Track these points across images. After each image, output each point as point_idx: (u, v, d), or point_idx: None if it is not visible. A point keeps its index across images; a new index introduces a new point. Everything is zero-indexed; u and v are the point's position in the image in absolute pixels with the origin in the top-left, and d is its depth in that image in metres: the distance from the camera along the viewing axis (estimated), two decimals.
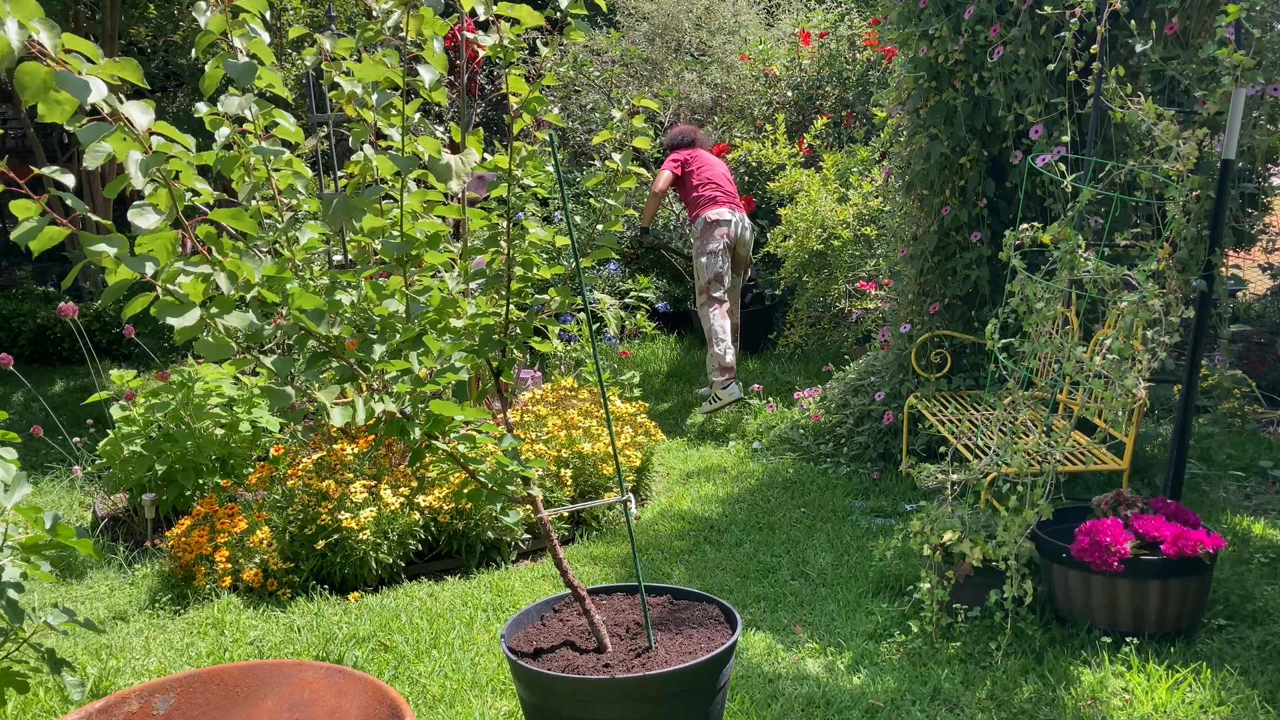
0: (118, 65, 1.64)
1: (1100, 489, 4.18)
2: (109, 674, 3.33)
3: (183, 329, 1.84)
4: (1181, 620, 3.15)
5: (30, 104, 1.57)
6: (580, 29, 2.20)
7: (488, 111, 9.35)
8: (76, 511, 4.98)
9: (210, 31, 1.94)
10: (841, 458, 5.14)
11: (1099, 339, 3.68)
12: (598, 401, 5.00)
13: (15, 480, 2.49)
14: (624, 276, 8.22)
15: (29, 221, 1.65)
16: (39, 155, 9.44)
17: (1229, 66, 3.34)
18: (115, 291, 1.81)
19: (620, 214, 2.49)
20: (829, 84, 7.99)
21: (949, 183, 4.83)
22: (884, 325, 5.80)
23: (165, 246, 1.83)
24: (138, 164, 1.67)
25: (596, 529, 4.51)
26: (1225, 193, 3.46)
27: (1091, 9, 3.75)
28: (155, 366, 6.69)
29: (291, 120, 2.13)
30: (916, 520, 3.45)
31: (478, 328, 2.39)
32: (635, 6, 9.55)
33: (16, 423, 6.27)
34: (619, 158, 2.46)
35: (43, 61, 1.56)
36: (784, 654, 3.26)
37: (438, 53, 2.08)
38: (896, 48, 5.20)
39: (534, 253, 2.45)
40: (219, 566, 3.83)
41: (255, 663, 1.75)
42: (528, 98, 2.23)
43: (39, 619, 2.57)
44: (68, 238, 1.67)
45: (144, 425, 4.51)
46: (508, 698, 3.05)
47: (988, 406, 4.47)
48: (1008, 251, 3.23)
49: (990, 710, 2.87)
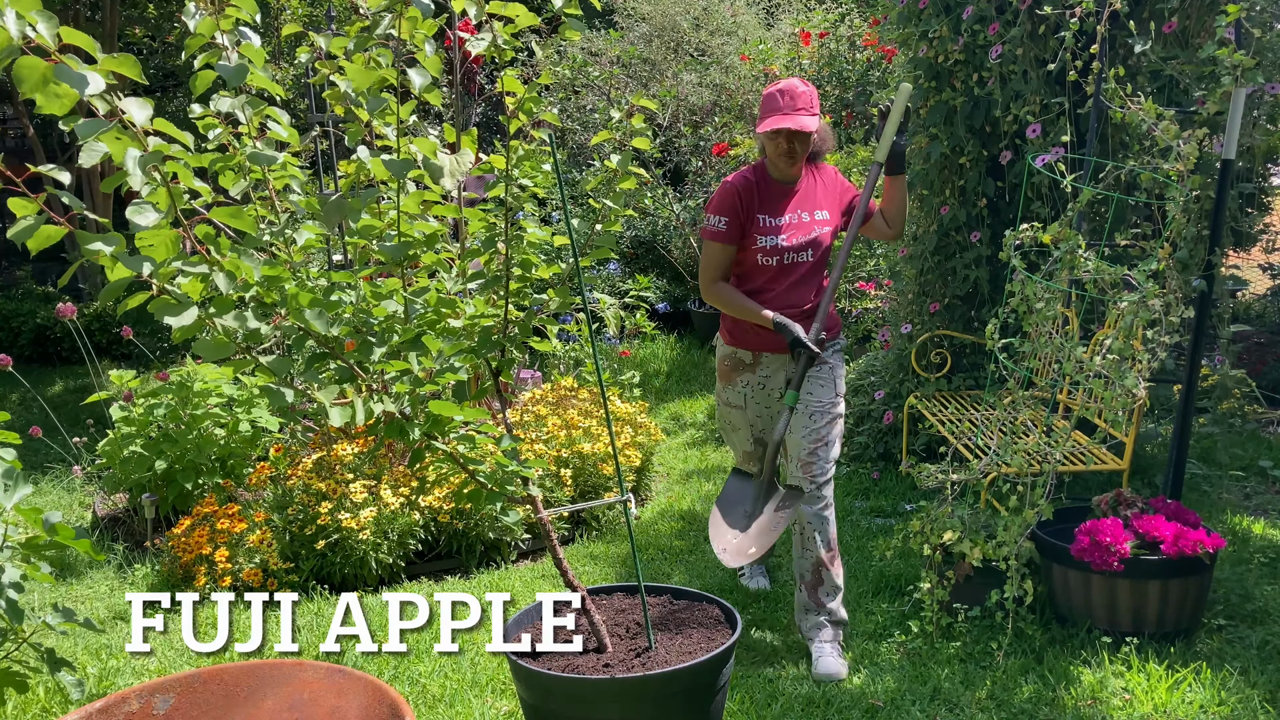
0: (116, 61, 1.63)
1: (1100, 489, 4.18)
2: (109, 674, 3.33)
3: (181, 328, 1.84)
4: (1181, 620, 3.15)
5: (28, 97, 1.57)
6: (576, 29, 2.20)
7: (487, 111, 9.35)
8: (76, 511, 4.98)
9: (200, 35, 1.94)
10: (841, 458, 5.14)
11: (1099, 339, 3.67)
12: (598, 401, 5.00)
13: (15, 480, 2.49)
14: (624, 276, 8.22)
15: (26, 220, 1.65)
16: (38, 155, 9.44)
17: (1229, 66, 3.34)
18: (114, 291, 1.81)
19: (619, 214, 2.49)
20: (829, 84, 7.99)
21: (949, 182, 4.83)
22: (884, 325, 5.80)
23: (167, 243, 1.83)
24: (135, 161, 1.67)
25: (596, 529, 4.51)
26: (1225, 193, 3.46)
27: (1091, 9, 3.74)
28: (155, 367, 6.69)
29: (286, 120, 2.13)
30: (916, 520, 3.45)
31: (476, 328, 2.38)
32: (633, 8, 9.55)
33: (16, 423, 6.26)
34: (617, 159, 2.46)
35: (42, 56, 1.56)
36: (784, 654, 3.26)
37: (430, 55, 2.07)
38: (896, 48, 5.20)
39: (532, 253, 2.44)
40: (219, 566, 3.83)
41: (255, 663, 1.75)
42: (524, 97, 2.23)
43: (39, 619, 2.56)
44: (66, 238, 1.67)
45: (143, 425, 4.50)
46: (508, 698, 3.05)
47: (988, 406, 4.47)
48: (1008, 251, 3.23)
49: (990, 710, 2.87)
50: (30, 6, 1.52)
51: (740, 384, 3.34)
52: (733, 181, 3.17)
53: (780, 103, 3.03)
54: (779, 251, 3.15)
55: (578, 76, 8.89)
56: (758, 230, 3.15)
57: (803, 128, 3.00)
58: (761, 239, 3.14)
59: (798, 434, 3.18)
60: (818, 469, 3.17)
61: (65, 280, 1.83)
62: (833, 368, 3.25)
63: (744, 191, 3.14)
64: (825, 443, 3.18)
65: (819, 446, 3.17)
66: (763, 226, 3.15)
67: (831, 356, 3.27)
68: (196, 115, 2.11)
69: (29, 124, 9.42)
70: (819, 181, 3.25)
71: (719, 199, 3.17)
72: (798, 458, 3.18)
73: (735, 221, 3.13)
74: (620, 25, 9.71)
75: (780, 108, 3.03)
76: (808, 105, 3.04)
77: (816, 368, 3.20)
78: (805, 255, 3.17)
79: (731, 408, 3.38)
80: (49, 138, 10.92)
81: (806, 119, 3.03)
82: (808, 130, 3.02)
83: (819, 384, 3.20)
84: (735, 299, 3.16)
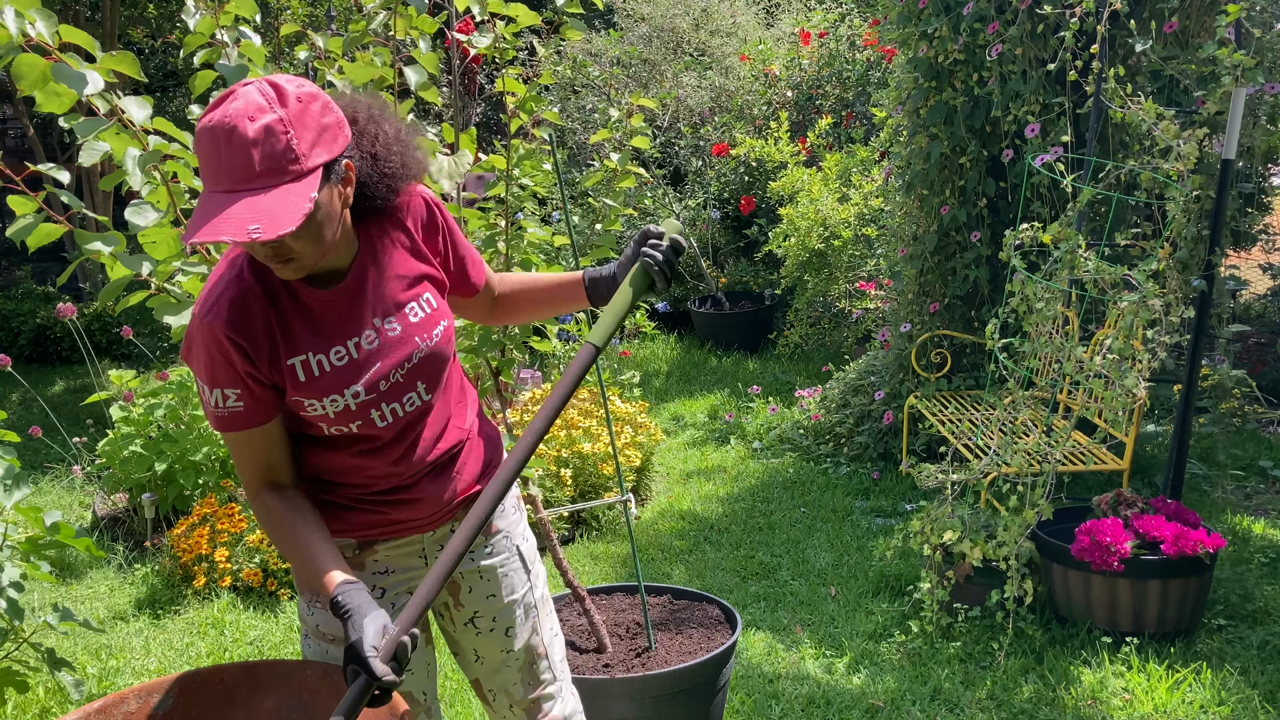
0: (115, 59, 1.64)
1: (1100, 489, 4.18)
2: (109, 674, 3.33)
3: (180, 327, 1.83)
4: (1181, 620, 3.15)
5: (27, 94, 1.57)
6: (576, 28, 2.20)
7: (487, 111, 9.35)
8: (76, 511, 4.98)
9: (200, 33, 1.94)
10: (841, 458, 5.14)
11: (1099, 339, 3.67)
12: (598, 401, 4.99)
13: (15, 480, 2.49)
14: None
15: (25, 218, 1.65)
16: (38, 155, 9.44)
17: (1229, 66, 3.34)
18: (113, 290, 1.81)
19: (619, 213, 2.49)
20: (829, 84, 7.99)
21: (949, 182, 4.82)
22: (884, 325, 5.79)
23: (167, 242, 1.83)
24: (135, 160, 1.67)
25: (596, 529, 4.51)
26: (1225, 193, 3.46)
27: (1091, 8, 3.74)
28: (155, 366, 6.69)
29: None
30: (916, 520, 3.45)
31: (476, 328, 2.38)
32: (633, 8, 9.55)
33: (16, 423, 6.27)
34: (617, 157, 2.46)
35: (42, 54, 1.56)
36: (784, 654, 3.26)
37: (426, 53, 2.07)
38: (896, 48, 5.19)
39: (532, 252, 2.44)
40: (219, 566, 3.83)
41: (255, 662, 1.75)
42: (524, 96, 2.23)
43: (39, 619, 2.56)
44: (66, 237, 1.67)
45: (143, 425, 4.50)
46: None
47: (988, 406, 4.47)
48: (1008, 251, 3.23)
49: (990, 710, 2.87)
50: (29, 5, 1.53)
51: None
52: (216, 312, 1.53)
53: (219, 164, 1.39)
54: (362, 410, 1.62)
55: (577, 76, 8.89)
56: (300, 388, 1.58)
57: (267, 232, 1.35)
58: (314, 402, 1.59)
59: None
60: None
61: (64, 279, 1.83)
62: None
63: (244, 329, 1.54)
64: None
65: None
66: (309, 379, 1.58)
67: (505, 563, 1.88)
68: (196, 116, 2.11)
69: (29, 123, 9.42)
70: (389, 241, 1.66)
71: (199, 351, 1.55)
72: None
73: (248, 388, 1.56)
74: (620, 25, 9.71)
75: (219, 175, 1.39)
76: (279, 154, 1.39)
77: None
78: (415, 391, 1.67)
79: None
80: (49, 137, 10.91)
81: (279, 200, 1.38)
82: (284, 230, 1.36)
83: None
84: (291, 532, 1.61)
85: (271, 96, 1.40)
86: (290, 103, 1.41)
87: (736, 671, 3.12)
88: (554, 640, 1.97)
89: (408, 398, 1.67)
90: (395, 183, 1.59)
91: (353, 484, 1.71)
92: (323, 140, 1.44)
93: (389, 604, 1.78)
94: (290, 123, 1.40)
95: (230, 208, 1.36)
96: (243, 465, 1.64)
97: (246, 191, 1.38)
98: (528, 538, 1.94)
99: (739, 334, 7.55)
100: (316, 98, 1.45)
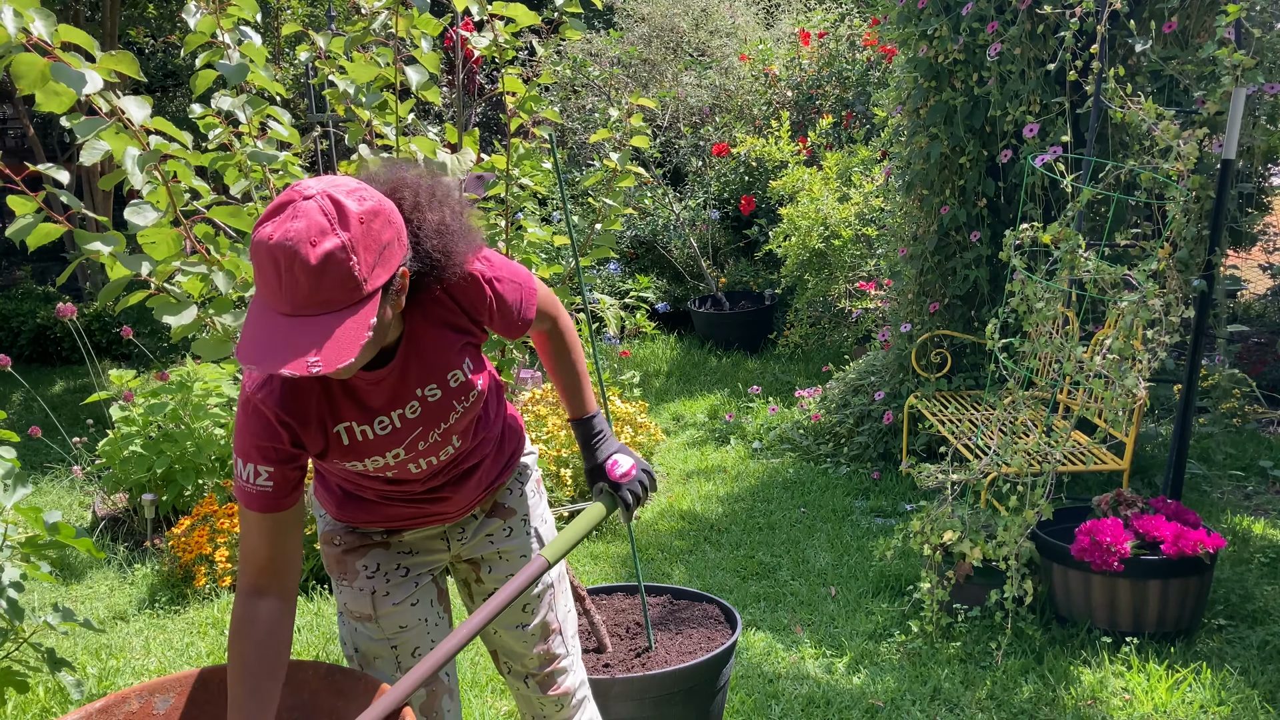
0: (115, 59, 1.63)
1: (1100, 489, 4.18)
2: (109, 674, 3.32)
3: (180, 327, 1.84)
4: (1181, 620, 3.15)
5: (27, 93, 1.57)
6: (576, 28, 2.20)
7: (487, 111, 9.35)
8: (76, 511, 4.98)
9: (201, 33, 1.94)
10: (841, 458, 5.14)
11: (1099, 339, 3.67)
12: (598, 401, 4.99)
13: (15, 480, 2.49)
14: (624, 276, 8.22)
15: (25, 218, 1.65)
16: (38, 155, 9.44)
17: (1229, 66, 3.34)
18: (113, 290, 1.81)
19: (619, 213, 2.49)
20: (829, 84, 7.99)
21: (949, 182, 4.83)
22: (884, 325, 5.79)
23: (167, 242, 1.83)
24: (135, 160, 1.67)
25: (596, 528, 4.51)
26: (1225, 193, 3.46)
27: (1091, 8, 3.74)
28: (155, 367, 6.69)
29: (287, 120, 2.13)
30: (916, 520, 3.45)
31: None
32: (633, 8, 9.55)
33: (16, 423, 6.27)
34: (617, 157, 2.45)
35: (42, 54, 1.55)
36: (784, 654, 3.26)
37: (428, 52, 2.07)
38: (896, 48, 5.20)
39: (533, 252, 2.44)
40: (219, 566, 3.83)
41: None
42: (524, 96, 2.23)
43: (39, 619, 2.56)
44: (66, 237, 1.67)
45: (143, 425, 4.50)
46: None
47: (988, 406, 4.47)
48: (1008, 251, 3.23)
49: (990, 710, 2.87)
50: (28, 4, 1.52)
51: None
52: (269, 390, 1.57)
53: (278, 285, 1.36)
54: (401, 466, 1.73)
55: (577, 76, 8.89)
56: (343, 451, 1.66)
57: (326, 366, 1.34)
58: (355, 462, 1.69)
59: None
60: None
61: (64, 279, 1.83)
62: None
63: (295, 410, 1.58)
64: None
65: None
66: (352, 443, 1.65)
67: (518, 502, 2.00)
68: (197, 115, 2.12)
69: (29, 123, 9.42)
70: (434, 317, 1.66)
71: (243, 424, 1.59)
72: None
73: (282, 472, 1.59)
74: (620, 25, 9.71)
75: (278, 297, 1.37)
76: (340, 282, 1.36)
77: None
78: (451, 444, 1.77)
79: None
80: (49, 137, 10.92)
81: (339, 326, 1.37)
82: (343, 363, 1.35)
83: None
84: (249, 677, 1.58)
85: (334, 216, 1.36)
86: (352, 225, 1.37)
87: (736, 671, 3.12)
88: (568, 616, 2.08)
89: (444, 451, 1.77)
90: (441, 274, 1.57)
91: (383, 493, 1.82)
92: (382, 259, 1.41)
93: (412, 582, 1.92)
94: (353, 248, 1.36)
95: (289, 333, 1.36)
96: (248, 549, 1.63)
97: (305, 316, 1.36)
98: (546, 519, 2.06)
99: (739, 334, 7.55)
100: (378, 214, 1.41)
